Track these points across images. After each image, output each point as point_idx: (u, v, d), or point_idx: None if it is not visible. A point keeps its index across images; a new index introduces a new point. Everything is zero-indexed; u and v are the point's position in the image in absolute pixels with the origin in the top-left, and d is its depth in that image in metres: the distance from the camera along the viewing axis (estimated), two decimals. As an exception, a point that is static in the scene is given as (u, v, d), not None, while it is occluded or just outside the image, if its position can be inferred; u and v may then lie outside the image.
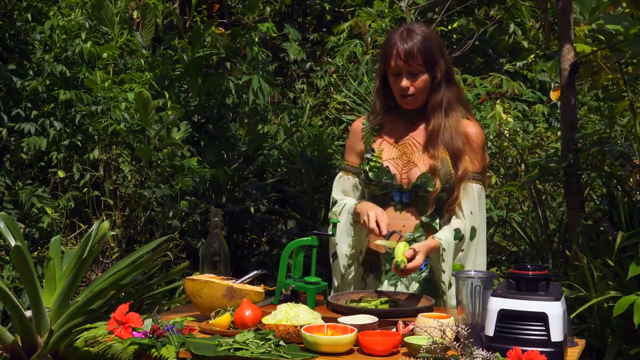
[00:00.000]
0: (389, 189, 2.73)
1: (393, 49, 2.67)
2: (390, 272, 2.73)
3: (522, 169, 5.50)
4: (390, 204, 2.74)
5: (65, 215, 4.54)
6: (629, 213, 3.76)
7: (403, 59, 2.65)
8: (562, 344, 2.03)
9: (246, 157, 5.22)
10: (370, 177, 2.73)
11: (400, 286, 2.73)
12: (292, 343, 2.20)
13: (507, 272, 2.18)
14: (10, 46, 4.68)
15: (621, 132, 5.41)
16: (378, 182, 2.72)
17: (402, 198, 2.73)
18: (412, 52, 2.65)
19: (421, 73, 2.68)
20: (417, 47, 2.65)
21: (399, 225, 2.72)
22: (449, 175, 2.69)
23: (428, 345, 2.02)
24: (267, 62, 5.58)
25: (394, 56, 2.67)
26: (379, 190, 2.74)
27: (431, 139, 2.71)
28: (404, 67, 2.67)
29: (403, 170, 2.72)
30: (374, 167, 2.74)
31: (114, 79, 4.76)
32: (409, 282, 2.73)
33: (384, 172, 2.72)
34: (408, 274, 2.61)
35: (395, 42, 2.68)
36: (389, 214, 2.73)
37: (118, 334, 2.18)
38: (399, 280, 2.73)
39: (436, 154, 2.68)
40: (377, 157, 2.75)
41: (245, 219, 5.21)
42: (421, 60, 2.66)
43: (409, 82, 2.68)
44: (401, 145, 2.77)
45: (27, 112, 4.55)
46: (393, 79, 2.71)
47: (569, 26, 4.09)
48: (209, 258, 2.67)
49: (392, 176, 2.71)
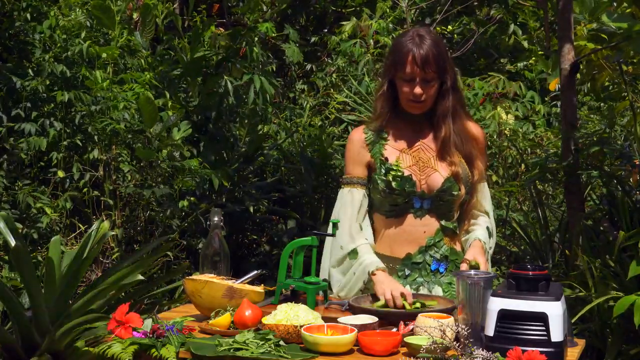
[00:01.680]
0: (410, 197, 2.73)
1: (408, 55, 2.65)
2: (411, 277, 2.74)
3: (522, 169, 5.50)
4: (410, 211, 2.74)
5: (65, 216, 4.54)
6: (629, 213, 3.76)
7: (420, 65, 2.64)
8: (562, 344, 2.03)
9: (246, 157, 5.22)
10: (393, 187, 2.72)
11: (423, 289, 2.73)
12: (292, 343, 2.19)
13: (507, 272, 2.18)
14: (10, 46, 4.68)
15: (621, 132, 5.41)
16: (401, 191, 2.71)
17: (423, 204, 2.73)
18: (428, 59, 2.64)
19: (434, 80, 2.68)
20: (432, 53, 2.64)
21: (419, 232, 2.73)
22: (468, 178, 2.73)
23: (428, 345, 2.02)
24: (266, 63, 5.58)
25: (409, 62, 2.65)
26: (401, 199, 2.73)
27: (445, 146, 2.72)
28: (420, 73, 2.65)
29: (422, 176, 2.73)
30: (396, 176, 2.72)
31: (114, 79, 4.76)
32: (431, 286, 2.73)
33: (407, 180, 2.71)
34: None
35: (410, 48, 2.65)
36: (408, 221, 2.73)
37: (118, 334, 2.18)
38: (420, 285, 2.73)
39: (455, 160, 2.70)
40: (397, 165, 2.73)
41: (245, 219, 5.21)
42: (435, 67, 2.65)
43: (423, 90, 2.68)
44: (415, 152, 2.77)
45: (27, 112, 4.54)
46: (404, 84, 2.69)
47: (569, 26, 4.09)
48: (209, 258, 2.66)
49: (413, 184, 2.71)
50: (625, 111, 5.10)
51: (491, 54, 7.14)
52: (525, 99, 5.92)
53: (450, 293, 2.70)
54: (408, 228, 2.73)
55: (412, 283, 2.74)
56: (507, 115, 5.46)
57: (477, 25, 6.67)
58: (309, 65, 6.88)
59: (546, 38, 4.89)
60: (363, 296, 2.62)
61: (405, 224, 2.74)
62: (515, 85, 5.82)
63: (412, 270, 2.74)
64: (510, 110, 5.57)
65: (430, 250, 2.73)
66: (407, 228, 2.73)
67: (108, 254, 4.62)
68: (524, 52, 6.88)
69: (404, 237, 2.74)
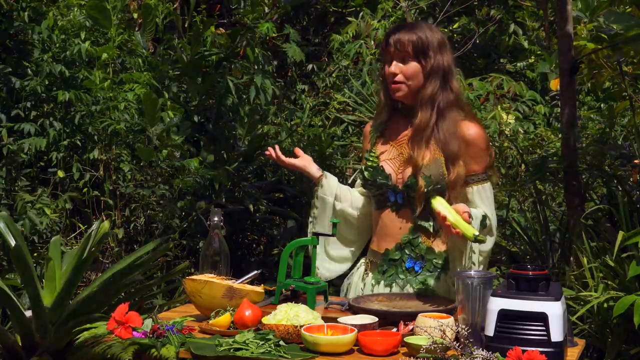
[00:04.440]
0: (384, 189, 2.72)
1: (388, 37, 2.71)
2: (387, 273, 2.73)
3: (522, 169, 5.50)
4: (387, 204, 2.73)
5: (65, 216, 4.54)
6: (629, 213, 3.76)
7: (393, 44, 2.67)
8: (562, 344, 2.03)
9: (246, 157, 5.22)
10: (366, 177, 2.73)
11: (396, 287, 2.72)
12: (292, 343, 2.19)
13: (507, 272, 2.18)
14: (10, 46, 4.68)
15: (621, 132, 5.41)
16: (373, 182, 2.72)
17: (397, 198, 2.72)
18: (403, 38, 2.66)
19: (410, 60, 2.68)
20: (408, 35, 2.67)
21: (396, 228, 2.71)
22: (440, 175, 2.64)
23: (428, 345, 2.02)
24: (267, 63, 5.57)
25: (387, 42, 2.70)
26: (374, 190, 2.74)
27: (416, 135, 2.67)
28: (395, 52, 2.67)
29: (399, 169, 2.71)
30: (369, 167, 2.73)
31: (114, 79, 4.76)
32: (404, 284, 2.72)
33: (379, 172, 2.71)
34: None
35: (391, 31, 2.72)
36: (387, 215, 2.72)
37: (118, 334, 2.18)
38: (394, 282, 2.72)
39: (419, 152, 2.65)
40: (374, 156, 2.75)
41: (245, 219, 5.21)
42: (411, 47, 2.66)
43: (398, 68, 2.68)
44: (398, 145, 2.76)
45: (27, 112, 4.54)
46: (385, 67, 2.72)
47: (569, 23, 4.09)
48: (209, 258, 2.66)
49: (386, 176, 2.70)
50: (625, 111, 5.09)
51: (491, 54, 7.14)
52: (526, 98, 5.92)
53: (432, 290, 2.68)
54: (387, 222, 2.72)
55: (387, 279, 2.73)
56: (508, 116, 5.46)
57: (477, 25, 6.67)
58: (311, 65, 6.88)
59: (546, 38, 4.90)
60: (363, 296, 2.62)
61: (385, 218, 2.73)
62: (516, 85, 5.82)
63: (389, 267, 2.73)
64: (511, 110, 5.57)
65: (406, 248, 2.71)
66: (386, 222, 2.73)
67: (108, 254, 4.62)
68: (524, 52, 6.88)
69: (385, 231, 2.74)
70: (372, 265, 2.79)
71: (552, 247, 4.27)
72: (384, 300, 2.56)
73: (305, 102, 6.36)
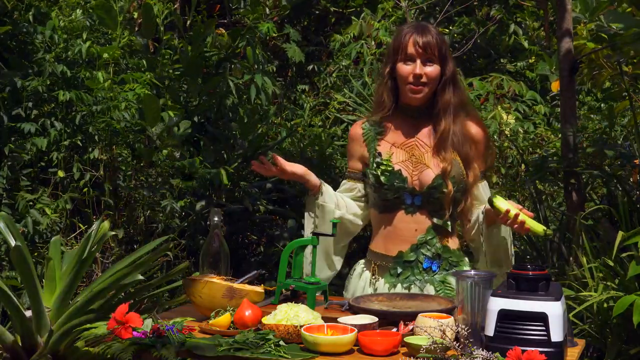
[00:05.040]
0: (400, 193, 2.72)
1: (410, 37, 2.69)
2: (403, 275, 2.73)
3: (522, 169, 5.50)
4: (401, 207, 2.73)
5: (65, 216, 4.54)
6: (629, 213, 3.76)
7: (421, 45, 2.67)
8: (562, 344, 2.03)
9: (246, 157, 5.22)
10: (382, 181, 2.72)
11: (415, 288, 2.73)
12: (292, 343, 2.20)
13: (507, 272, 2.18)
14: (12, 46, 4.68)
15: (621, 132, 5.41)
16: (390, 185, 2.71)
17: (414, 201, 2.72)
18: (430, 41, 2.68)
19: (435, 63, 2.70)
20: (433, 36, 2.69)
21: (411, 230, 2.72)
22: (461, 176, 2.70)
23: (428, 345, 2.02)
24: (267, 62, 5.57)
25: (411, 43, 2.69)
26: (391, 194, 2.73)
27: (442, 142, 2.71)
28: (421, 54, 2.68)
29: (414, 172, 2.72)
30: (385, 171, 2.72)
31: (115, 79, 4.76)
32: (423, 285, 2.73)
33: (396, 175, 2.71)
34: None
35: (412, 33, 2.70)
36: (400, 217, 2.73)
37: (118, 334, 2.18)
38: (412, 283, 2.73)
39: (447, 157, 2.69)
40: (387, 160, 2.74)
41: (245, 219, 5.21)
42: (437, 50, 2.68)
43: (423, 70, 2.68)
44: (408, 147, 2.76)
45: (28, 112, 4.54)
46: (405, 67, 2.70)
47: (568, 23, 4.09)
48: (209, 258, 2.67)
49: (404, 179, 2.71)
50: (625, 111, 5.09)
51: (491, 54, 7.14)
52: (526, 98, 5.92)
53: (443, 291, 2.69)
54: (400, 225, 2.72)
55: (404, 281, 2.73)
56: (508, 116, 5.46)
57: (477, 25, 6.67)
58: (311, 66, 6.88)
59: (546, 38, 4.90)
60: (363, 296, 2.62)
61: (397, 221, 2.73)
62: (516, 85, 5.81)
63: (404, 269, 2.73)
64: (511, 110, 5.57)
65: (422, 248, 2.72)
66: (398, 225, 2.73)
67: (108, 254, 4.62)
68: (524, 52, 6.88)
69: (397, 234, 2.73)
70: (381, 268, 2.78)
71: (552, 247, 4.27)
72: (384, 300, 2.57)
73: (305, 102, 6.36)
